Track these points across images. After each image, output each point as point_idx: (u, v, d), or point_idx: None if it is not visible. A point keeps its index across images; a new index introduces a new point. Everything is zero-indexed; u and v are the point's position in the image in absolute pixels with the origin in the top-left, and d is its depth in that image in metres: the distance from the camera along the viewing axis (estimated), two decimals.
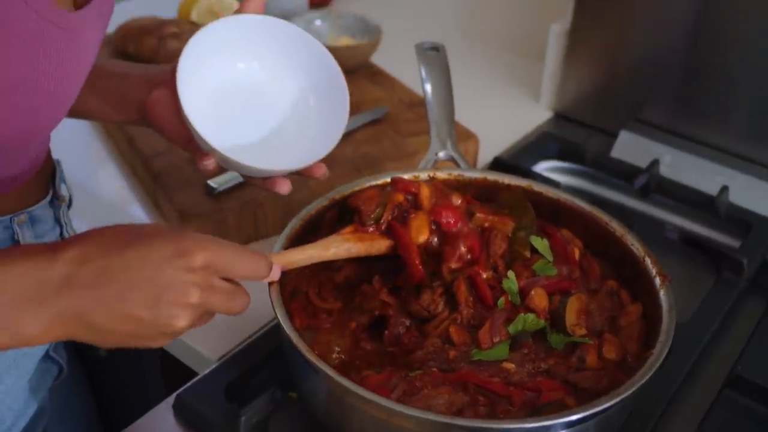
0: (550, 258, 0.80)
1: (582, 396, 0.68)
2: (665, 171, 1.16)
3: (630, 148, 1.21)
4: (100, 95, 0.83)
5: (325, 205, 0.83)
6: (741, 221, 1.07)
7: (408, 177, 0.86)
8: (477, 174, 0.89)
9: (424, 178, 0.87)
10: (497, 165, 1.13)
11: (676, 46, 1.18)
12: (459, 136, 1.13)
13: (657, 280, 0.77)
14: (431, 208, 0.79)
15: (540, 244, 0.80)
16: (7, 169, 0.71)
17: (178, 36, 1.23)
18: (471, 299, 0.74)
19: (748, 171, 1.14)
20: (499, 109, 1.36)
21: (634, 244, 0.81)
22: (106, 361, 1.05)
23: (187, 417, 0.77)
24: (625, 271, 0.82)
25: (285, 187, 0.78)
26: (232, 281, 0.64)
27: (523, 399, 0.67)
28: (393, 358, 0.73)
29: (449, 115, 0.97)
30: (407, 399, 0.66)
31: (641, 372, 0.67)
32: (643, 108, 1.24)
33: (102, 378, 1.12)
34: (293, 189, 0.80)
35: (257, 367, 0.80)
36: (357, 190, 0.84)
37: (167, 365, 0.96)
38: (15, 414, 0.81)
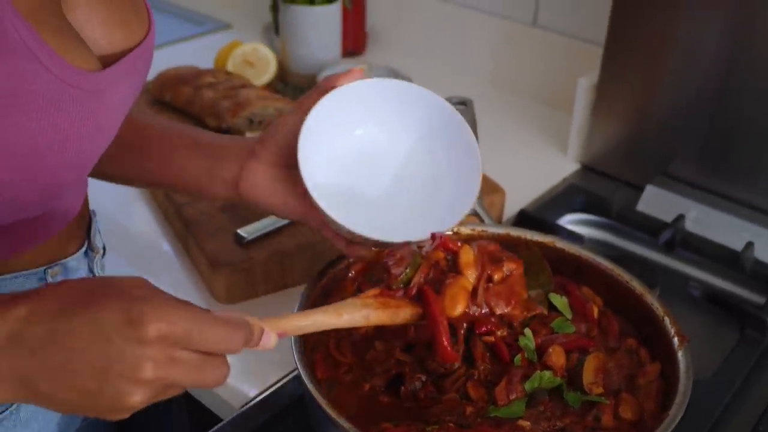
0: (568, 315, 0.81)
1: None
2: (691, 226, 1.16)
3: (656, 202, 1.22)
4: (180, 174, 0.83)
5: (350, 262, 0.85)
6: (766, 278, 1.07)
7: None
8: (500, 230, 0.91)
9: (448, 233, 0.89)
10: (522, 217, 1.15)
11: (703, 101, 1.19)
12: (485, 188, 1.15)
13: (675, 339, 0.78)
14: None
15: (559, 301, 0.82)
16: (36, 222, 0.70)
17: (213, 86, 1.27)
18: (488, 355, 0.75)
19: None
20: (527, 161, 1.38)
21: (653, 303, 0.82)
22: None
23: None
24: (645, 330, 0.83)
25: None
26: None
27: None
28: (410, 411, 0.74)
29: None
30: None
31: None
32: (670, 162, 1.25)
33: (130, 419, 1.14)
34: (319, 239, 0.81)
35: (280, 416, 0.82)
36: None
37: (193, 409, 0.98)
38: None
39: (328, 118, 0.74)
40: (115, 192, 1.26)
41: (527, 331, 0.77)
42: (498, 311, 0.74)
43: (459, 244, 0.75)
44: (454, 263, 0.73)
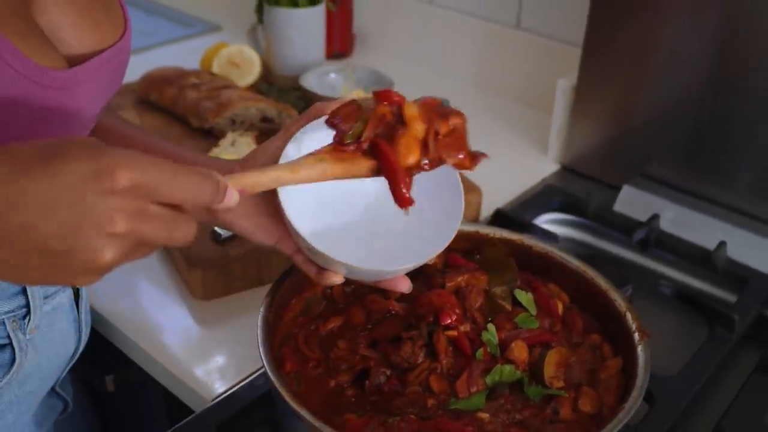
0: (533, 311, 0.82)
1: None
2: (667, 226, 1.18)
3: (633, 202, 1.23)
4: None
5: None
6: (738, 276, 1.08)
7: None
8: (469, 227, 0.92)
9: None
10: (498, 217, 1.16)
11: (681, 102, 1.20)
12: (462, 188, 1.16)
13: (636, 335, 0.79)
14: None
15: (524, 297, 0.83)
16: None
17: (196, 87, 1.29)
18: (450, 349, 0.77)
19: (748, 227, 1.16)
20: (508, 161, 1.39)
21: (617, 299, 0.83)
22: (113, 396, 1.09)
23: None
24: (609, 326, 0.84)
25: (406, 286, 0.76)
26: (171, 206, 0.54)
27: None
28: (375, 404, 0.75)
29: None
30: None
31: (610, 425, 0.69)
32: (649, 163, 1.27)
33: (109, 412, 1.16)
34: None
35: (248, 409, 0.83)
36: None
37: (170, 402, 1.00)
38: None
39: (309, 145, 0.71)
40: None
41: (490, 326, 0.79)
42: (450, 161, 0.70)
43: (401, 95, 0.71)
44: (399, 117, 0.69)
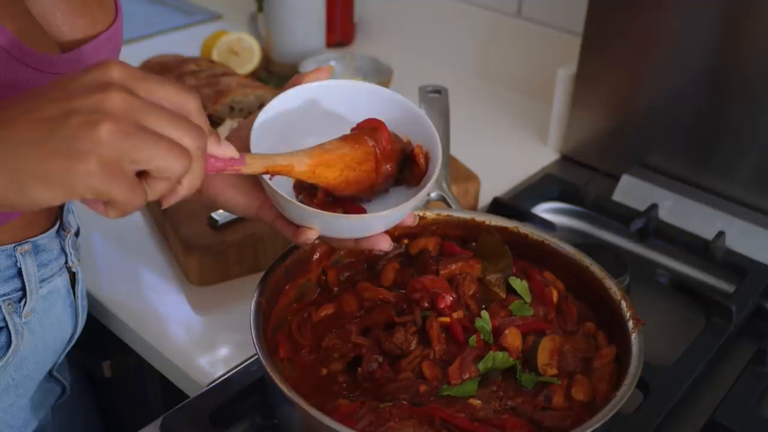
0: (527, 299, 0.82)
1: None
2: (666, 215, 1.18)
3: (631, 191, 1.23)
4: None
5: (316, 243, 0.86)
6: (736, 267, 1.08)
7: None
8: (465, 215, 0.92)
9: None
10: (496, 205, 1.16)
11: (681, 92, 1.20)
12: (460, 176, 1.17)
13: (630, 323, 0.79)
14: None
15: (519, 285, 0.83)
16: None
17: (195, 74, 1.29)
18: (443, 336, 0.76)
19: (747, 217, 1.15)
20: (508, 150, 1.39)
21: (611, 287, 0.83)
22: (110, 381, 1.10)
23: None
24: (604, 314, 0.84)
25: (387, 244, 0.73)
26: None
27: None
28: (367, 390, 0.75)
29: (444, 157, 1.00)
30: (373, 430, 0.68)
31: (602, 412, 0.69)
32: (648, 152, 1.26)
33: (106, 397, 1.16)
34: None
35: (242, 394, 0.83)
36: None
37: (166, 387, 1.00)
38: (14, 431, 0.86)
39: (285, 111, 0.72)
40: None
41: (484, 314, 0.79)
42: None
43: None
44: None
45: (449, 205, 0.96)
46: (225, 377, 0.86)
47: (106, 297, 1.02)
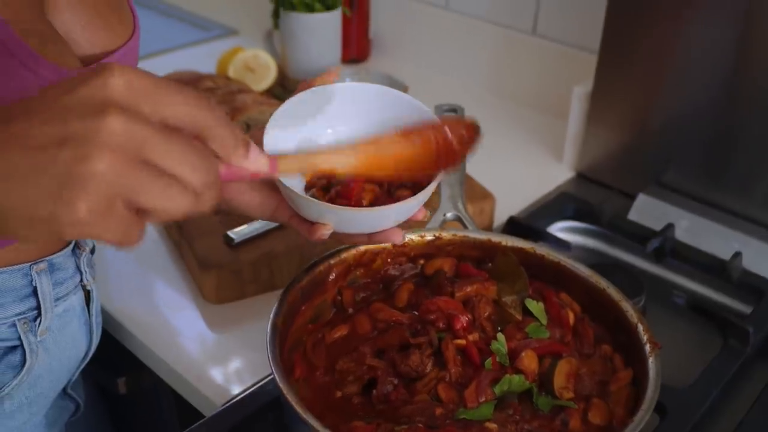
0: (543, 321, 0.82)
1: None
2: (682, 235, 1.17)
3: (648, 211, 1.22)
4: None
5: (332, 264, 0.86)
6: (753, 288, 1.07)
7: (415, 236, 0.90)
8: (481, 235, 0.92)
9: (429, 237, 0.91)
10: (511, 224, 1.16)
11: (698, 110, 1.19)
12: (476, 195, 1.16)
13: (647, 346, 0.78)
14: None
15: (535, 307, 0.83)
16: None
17: (212, 91, 1.29)
18: (459, 359, 0.76)
19: (765, 238, 1.15)
20: (523, 168, 1.39)
21: (628, 310, 0.83)
22: (125, 399, 1.10)
23: None
24: (621, 337, 0.83)
25: (399, 237, 0.74)
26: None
27: None
28: (383, 413, 0.75)
29: (461, 177, 1.00)
30: None
31: None
32: (664, 172, 1.26)
33: (121, 414, 1.16)
34: (308, 243, 0.81)
35: (258, 414, 0.83)
36: (356, 251, 0.87)
37: (181, 405, 1.00)
38: None
39: (296, 113, 0.73)
40: None
41: (500, 336, 0.79)
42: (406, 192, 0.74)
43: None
44: None
45: (465, 226, 0.96)
46: (241, 397, 0.87)
47: (121, 313, 1.02)
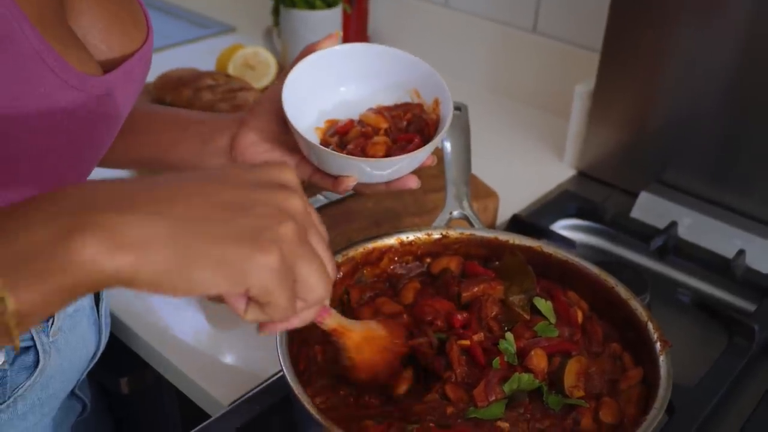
0: (552, 320, 0.82)
1: None
2: (684, 233, 1.17)
3: (650, 209, 1.22)
4: (173, 150, 0.86)
5: (339, 262, 0.86)
6: (757, 285, 1.08)
7: (422, 234, 0.90)
8: (489, 234, 0.92)
9: (436, 236, 0.91)
10: (515, 222, 1.16)
11: (700, 109, 1.19)
12: (479, 193, 1.16)
13: (658, 345, 0.78)
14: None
15: (543, 306, 0.82)
16: None
17: (212, 88, 1.29)
18: (464, 359, 0.76)
19: (767, 235, 1.15)
20: (524, 167, 1.39)
21: (637, 308, 0.83)
22: (128, 399, 1.09)
23: None
24: (630, 335, 0.83)
25: (415, 182, 0.81)
26: None
27: None
28: (393, 412, 0.75)
29: (466, 176, 0.99)
30: None
31: None
32: (666, 170, 1.26)
33: (124, 415, 1.16)
34: None
35: (266, 414, 0.83)
36: (363, 249, 0.88)
37: (184, 405, 1.00)
38: None
39: (310, 73, 0.81)
40: None
41: (508, 335, 0.78)
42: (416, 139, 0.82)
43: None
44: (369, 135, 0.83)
45: (472, 225, 0.96)
46: (248, 396, 0.86)
47: (124, 313, 1.02)
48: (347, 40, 1.64)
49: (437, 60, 1.74)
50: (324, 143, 0.83)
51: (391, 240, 0.89)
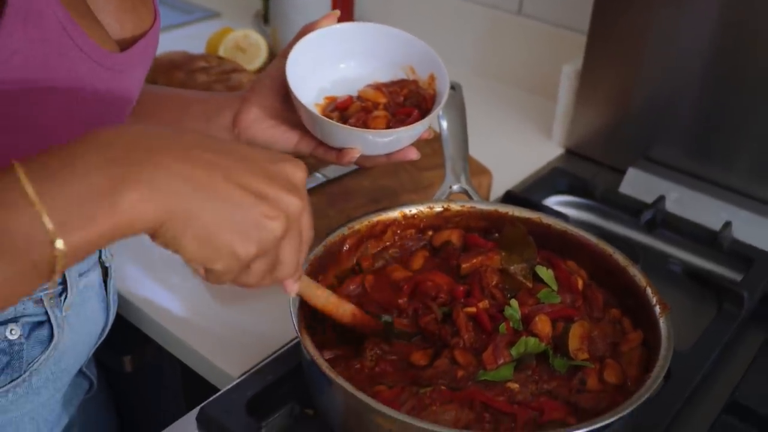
0: (554, 287, 0.84)
1: (583, 416, 0.72)
2: (671, 207, 1.20)
3: (638, 184, 1.26)
4: (183, 127, 0.88)
5: (345, 234, 0.88)
6: (743, 256, 1.11)
7: (424, 208, 0.92)
8: (489, 206, 0.94)
9: (438, 209, 0.93)
10: (509, 198, 1.18)
11: (684, 87, 1.22)
12: (473, 170, 1.18)
13: (657, 308, 0.81)
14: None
15: (545, 274, 0.85)
16: None
17: (206, 70, 1.30)
18: (471, 325, 0.78)
19: (751, 208, 1.19)
20: (513, 145, 1.41)
21: (636, 275, 0.85)
22: (130, 377, 1.10)
23: (210, 429, 0.81)
24: (628, 301, 0.86)
25: (415, 153, 0.85)
26: None
27: (526, 417, 0.71)
28: (404, 377, 0.77)
29: (463, 151, 1.02)
30: (416, 414, 0.70)
31: (639, 393, 0.71)
32: (652, 146, 1.29)
33: (126, 392, 1.17)
34: (317, 224, 0.84)
35: (277, 384, 0.84)
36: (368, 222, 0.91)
37: (187, 381, 1.01)
38: (49, 426, 0.86)
39: (311, 51, 0.84)
40: None
41: (513, 302, 0.81)
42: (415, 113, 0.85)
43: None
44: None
45: (470, 197, 0.98)
46: (259, 366, 0.88)
47: (129, 290, 1.02)
48: None
49: (426, 42, 1.76)
50: (326, 117, 0.85)
51: (395, 213, 0.91)
